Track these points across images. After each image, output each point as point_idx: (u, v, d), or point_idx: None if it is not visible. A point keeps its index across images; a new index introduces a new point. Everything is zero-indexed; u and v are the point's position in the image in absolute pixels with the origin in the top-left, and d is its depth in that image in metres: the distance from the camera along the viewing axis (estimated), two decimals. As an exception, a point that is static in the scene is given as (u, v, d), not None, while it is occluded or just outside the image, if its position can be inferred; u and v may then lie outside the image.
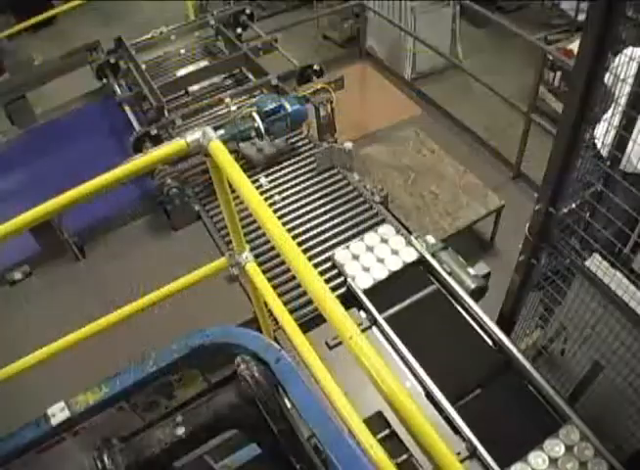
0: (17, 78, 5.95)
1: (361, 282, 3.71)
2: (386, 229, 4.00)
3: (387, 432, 3.06)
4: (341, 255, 3.90)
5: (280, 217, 4.21)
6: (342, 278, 3.82)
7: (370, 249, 3.89)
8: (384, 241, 3.92)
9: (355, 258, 3.87)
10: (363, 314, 3.61)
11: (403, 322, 3.51)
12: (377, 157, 5.81)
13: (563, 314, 3.25)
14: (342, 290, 3.76)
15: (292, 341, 2.43)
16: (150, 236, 5.00)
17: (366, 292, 3.67)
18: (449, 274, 3.64)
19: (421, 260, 3.81)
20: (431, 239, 3.86)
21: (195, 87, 5.66)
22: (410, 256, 3.82)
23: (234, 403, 2.09)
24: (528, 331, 3.70)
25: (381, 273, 3.75)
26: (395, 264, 3.79)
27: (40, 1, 9.01)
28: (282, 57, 5.67)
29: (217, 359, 2.27)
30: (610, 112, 2.53)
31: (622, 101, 2.45)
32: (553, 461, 2.92)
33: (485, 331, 3.41)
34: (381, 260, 3.82)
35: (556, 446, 2.92)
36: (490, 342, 3.38)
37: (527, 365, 3.16)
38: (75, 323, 2.86)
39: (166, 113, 4.96)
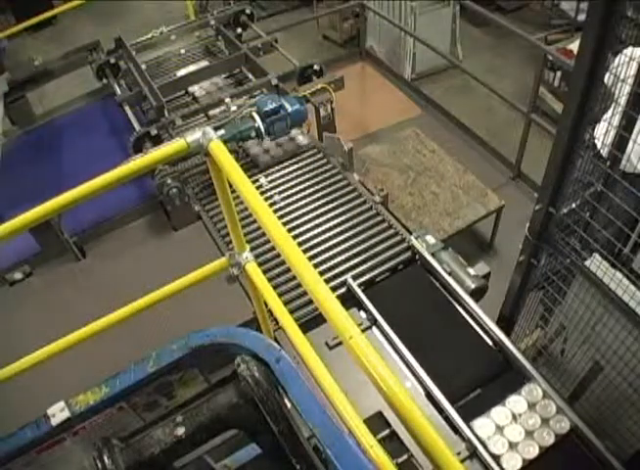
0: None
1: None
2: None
3: (387, 432, 3.06)
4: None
5: (280, 217, 4.21)
6: (342, 278, 3.82)
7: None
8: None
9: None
10: (363, 314, 3.61)
11: (403, 322, 3.51)
12: (377, 157, 5.81)
13: (563, 314, 3.25)
14: (343, 290, 3.76)
15: (292, 341, 2.43)
16: (150, 236, 5.01)
17: (366, 292, 3.67)
18: (449, 274, 3.64)
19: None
20: (431, 239, 3.86)
21: (195, 87, 5.67)
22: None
23: (234, 403, 2.09)
24: (528, 331, 3.70)
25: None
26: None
27: (40, 1, 9.02)
28: (282, 57, 5.68)
29: (217, 359, 2.27)
30: (610, 112, 2.53)
31: (622, 101, 2.45)
32: (515, 417, 3.02)
33: (485, 331, 3.41)
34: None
35: (518, 404, 2.99)
36: (490, 342, 3.38)
37: (527, 365, 3.16)
38: (75, 323, 2.87)
39: (166, 113, 4.97)
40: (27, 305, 4.76)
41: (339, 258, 3.99)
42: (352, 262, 3.96)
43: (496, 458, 2.91)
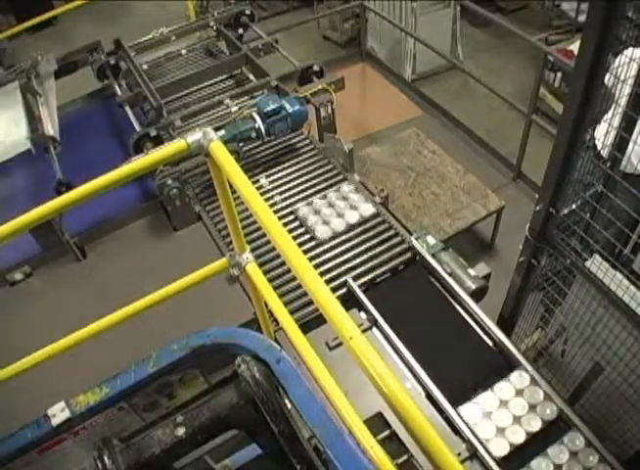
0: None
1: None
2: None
3: (387, 433, 3.06)
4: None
5: (280, 218, 4.21)
6: (342, 279, 3.82)
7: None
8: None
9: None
10: (363, 315, 3.61)
11: (404, 323, 3.51)
12: (377, 157, 5.81)
13: (563, 315, 3.25)
14: (343, 290, 3.77)
15: (292, 341, 2.43)
16: (150, 237, 5.00)
17: (366, 293, 3.67)
18: (450, 275, 3.64)
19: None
20: (431, 240, 3.86)
21: (195, 88, 5.67)
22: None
23: (234, 404, 2.09)
24: (529, 332, 3.70)
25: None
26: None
27: (41, 1, 9.03)
28: (282, 58, 5.68)
29: (218, 360, 2.27)
30: (610, 112, 2.53)
31: (623, 102, 2.45)
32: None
33: (486, 332, 3.41)
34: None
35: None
36: (491, 343, 3.38)
37: (528, 366, 3.16)
38: (76, 323, 2.86)
39: (165, 113, 4.97)
40: (28, 306, 4.75)
41: (339, 259, 3.99)
42: (353, 263, 3.96)
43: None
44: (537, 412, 3.08)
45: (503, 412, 3.10)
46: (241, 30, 6.32)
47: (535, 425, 3.04)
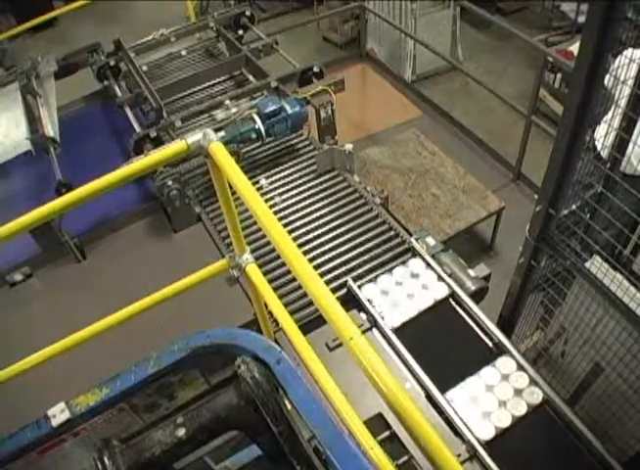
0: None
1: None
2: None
3: (387, 433, 3.06)
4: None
5: (280, 219, 4.22)
6: (342, 279, 3.82)
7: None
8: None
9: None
10: (363, 316, 3.61)
11: (403, 324, 3.51)
12: (377, 158, 5.82)
13: (563, 316, 3.25)
14: (343, 291, 3.76)
15: (292, 342, 2.43)
16: (150, 238, 5.00)
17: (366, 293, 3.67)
18: (449, 276, 3.64)
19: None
20: (431, 241, 3.86)
21: (195, 89, 5.67)
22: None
23: (234, 405, 2.09)
24: (529, 333, 3.70)
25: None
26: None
27: (41, 2, 9.03)
28: (282, 59, 5.68)
29: (218, 360, 2.27)
30: (610, 113, 2.53)
31: (622, 103, 2.45)
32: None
33: (486, 333, 3.41)
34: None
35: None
36: (491, 343, 3.38)
37: (527, 367, 3.16)
38: (76, 324, 2.87)
39: (165, 114, 4.96)
40: (28, 307, 4.75)
41: (339, 260, 4.00)
42: (353, 264, 3.96)
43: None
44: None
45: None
46: (241, 31, 6.32)
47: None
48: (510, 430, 3.04)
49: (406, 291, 3.66)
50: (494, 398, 3.14)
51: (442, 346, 3.48)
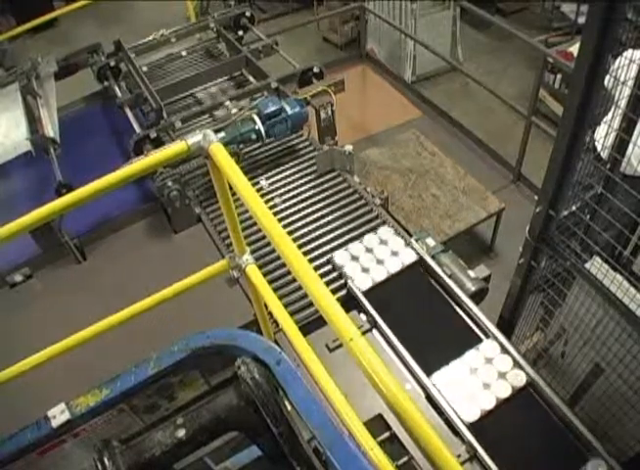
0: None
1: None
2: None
3: (387, 434, 3.06)
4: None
5: (280, 220, 4.22)
6: (342, 280, 3.82)
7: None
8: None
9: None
10: (363, 317, 3.61)
11: (403, 325, 3.51)
12: (377, 159, 5.82)
13: (563, 317, 3.25)
14: (343, 292, 3.76)
15: (292, 343, 2.43)
16: (150, 238, 5.00)
17: (366, 294, 3.67)
18: (449, 277, 3.64)
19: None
20: (431, 241, 3.86)
21: (196, 90, 5.67)
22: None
23: (234, 405, 2.09)
24: (529, 333, 3.70)
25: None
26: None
27: (41, 3, 9.03)
28: (282, 59, 5.68)
29: (218, 361, 2.27)
30: (610, 114, 2.53)
31: (622, 103, 2.45)
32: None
33: (486, 334, 3.41)
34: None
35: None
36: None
37: (528, 368, 3.16)
38: (76, 325, 2.87)
39: (165, 115, 4.96)
40: (28, 308, 4.75)
41: (339, 261, 3.99)
42: (353, 265, 3.96)
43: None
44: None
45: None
46: (241, 32, 6.32)
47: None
48: (494, 412, 3.11)
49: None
50: (478, 380, 3.23)
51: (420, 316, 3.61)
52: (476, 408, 3.10)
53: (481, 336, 3.44)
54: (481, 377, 3.23)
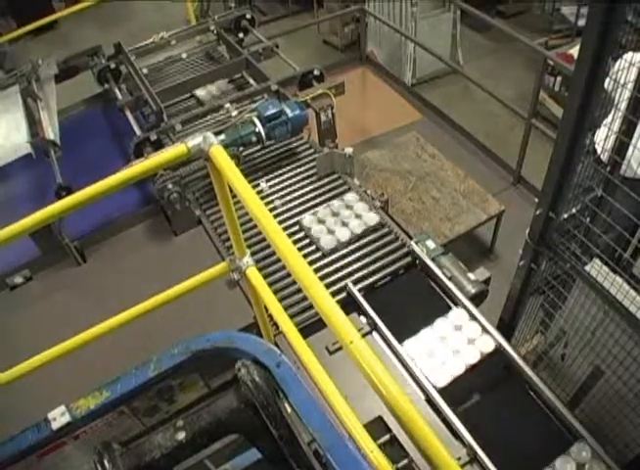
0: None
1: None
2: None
3: (387, 437, 3.05)
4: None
5: (280, 222, 4.21)
6: (342, 283, 3.82)
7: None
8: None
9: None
10: (363, 319, 3.61)
11: (403, 327, 3.51)
12: (377, 162, 5.82)
13: (563, 319, 3.26)
14: (343, 295, 3.76)
15: (292, 346, 2.43)
16: (150, 241, 5.01)
17: (366, 297, 3.67)
18: (449, 279, 3.64)
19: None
20: (431, 244, 3.86)
21: (196, 92, 5.67)
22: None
23: (234, 408, 2.09)
24: (529, 336, 3.70)
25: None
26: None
27: (41, 5, 9.04)
28: (283, 62, 5.69)
29: (218, 364, 2.27)
30: (610, 117, 2.53)
31: (622, 106, 2.46)
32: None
33: (455, 302, 3.43)
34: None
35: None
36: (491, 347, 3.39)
37: (528, 370, 3.16)
38: (76, 327, 2.87)
39: (166, 118, 4.97)
40: (28, 310, 4.76)
41: (339, 263, 3.99)
42: (353, 267, 3.95)
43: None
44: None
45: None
46: (241, 35, 6.33)
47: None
48: (463, 377, 3.23)
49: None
50: (448, 347, 3.37)
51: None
52: (445, 374, 3.24)
53: (450, 304, 3.58)
54: (451, 344, 3.37)
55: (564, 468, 2.89)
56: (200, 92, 5.66)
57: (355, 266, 3.95)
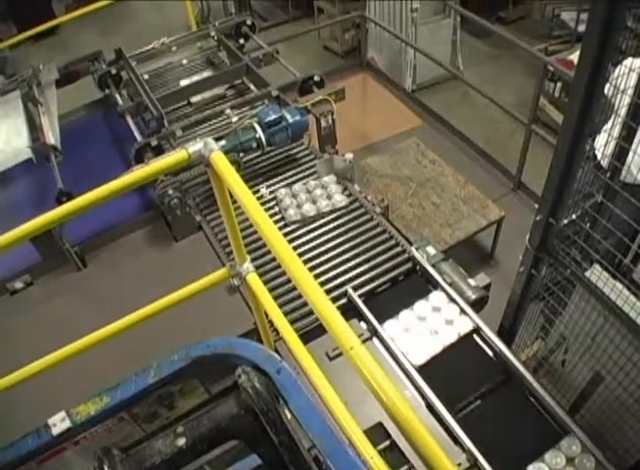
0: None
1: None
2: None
3: (387, 443, 3.05)
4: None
5: (280, 228, 4.22)
6: (342, 289, 3.82)
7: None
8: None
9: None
10: (364, 325, 3.61)
11: (403, 333, 3.51)
12: (377, 167, 5.82)
13: (563, 325, 3.25)
14: (343, 301, 3.76)
15: (292, 351, 2.43)
16: (151, 246, 5.01)
17: (367, 303, 3.68)
18: (450, 285, 3.64)
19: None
20: (431, 250, 3.86)
21: (197, 98, 5.68)
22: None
23: (235, 414, 2.09)
24: (529, 342, 3.70)
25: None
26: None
27: (42, 10, 9.05)
28: (283, 68, 5.70)
29: (218, 370, 2.27)
30: (610, 122, 2.54)
31: (622, 112, 2.46)
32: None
33: (486, 342, 3.41)
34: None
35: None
36: (491, 353, 3.38)
37: (528, 376, 3.16)
38: (76, 333, 2.87)
39: (166, 123, 4.97)
40: (28, 315, 4.75)
41: (339, 269, 3.99)
42: (353, 273, 3.96)
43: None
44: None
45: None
46: (242, 40, 6.35)
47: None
48: (441, 356, 3.39)
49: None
50: (426, 327, 3.51)
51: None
52: (423, 353, 3.38)
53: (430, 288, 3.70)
54: (430, 324, 3.51)
55: (553, 461, 2.95)
56: (200, 98, 5.66)
57: (356, 272, 3.96)
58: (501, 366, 3.31)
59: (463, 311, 3.52)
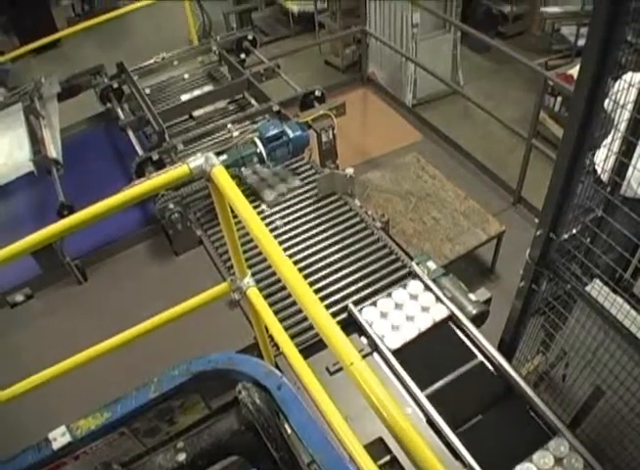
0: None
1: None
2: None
3: (387, 458, 3.04)
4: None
5: (281, 243, 4.22)
6: (343, 304, 3.82)
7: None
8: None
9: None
10: (364, 340, 3.60)
11: (404, 348, 3.50)
12: (378, 182, 5.83)
13: (564, 340, 3.25)
14: (344, 315, 3.76)
15: (293, 366, 2.43)
16: (151, 260, 5.02)
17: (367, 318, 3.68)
18: (450, 300, 3.64)
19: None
20: (432, 265, 3.86)
21: (198, 112, 5.69)
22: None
23: (235, 430, 2.09)
24: (530, 357, 3.69)
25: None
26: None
27: (44, 23, 9.09)
28: (284, 83, 5.71)
29: (219, 385, 2.27)
30: (610, 137, 2.54)
31: (622, 127, 2.46)
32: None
33: (487, 357, 3.40)
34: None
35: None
36: (491, 367, 3.38)
37: (529, 391, 3.15)
38: (76, 347, 2.87)
39: (167, 138, 4.98)
40: (28, 328, 4.76)
41: (340, 284, 3.99)
42: (354, 288, 3.95)
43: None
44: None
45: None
46: (243, 55, 6.38)
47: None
48: (416, 341, 3.52)
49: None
50: (403, 314, 3.64)
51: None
52: (399, 337, 3.51)
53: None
54: (406, 311, 3.64)
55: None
56: (202, 112, 5.68)
57: (356, 287, 3.95)
58: (502, 381, 3.31)
59: (439, 300, 3.68)
